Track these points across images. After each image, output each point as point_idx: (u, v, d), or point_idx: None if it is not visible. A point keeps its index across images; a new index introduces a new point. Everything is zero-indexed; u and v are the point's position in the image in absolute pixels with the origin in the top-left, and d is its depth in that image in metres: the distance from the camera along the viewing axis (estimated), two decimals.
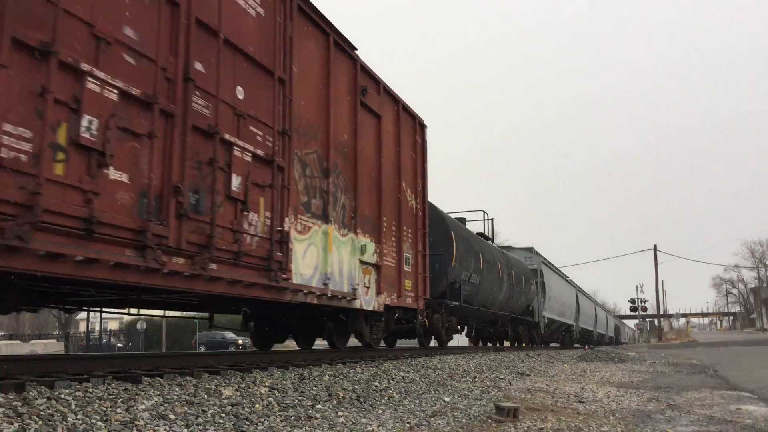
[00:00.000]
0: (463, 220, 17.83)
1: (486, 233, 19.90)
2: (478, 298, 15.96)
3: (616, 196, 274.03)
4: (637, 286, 69.84)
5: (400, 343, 15.43)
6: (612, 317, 68.03)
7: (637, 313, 65.25)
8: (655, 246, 56.06)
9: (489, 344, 23.70)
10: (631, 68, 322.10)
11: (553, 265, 31.11)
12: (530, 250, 26.95)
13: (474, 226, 19.92)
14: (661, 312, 65.50)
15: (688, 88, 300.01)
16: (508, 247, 26.43)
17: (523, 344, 23.47)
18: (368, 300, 9.10)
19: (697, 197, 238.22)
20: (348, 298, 8.38)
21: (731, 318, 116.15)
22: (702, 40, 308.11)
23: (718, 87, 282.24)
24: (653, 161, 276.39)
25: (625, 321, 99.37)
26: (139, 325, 40.07)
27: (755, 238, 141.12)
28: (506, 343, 23.15)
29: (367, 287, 9.10)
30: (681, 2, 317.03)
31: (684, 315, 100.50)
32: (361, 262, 8.89)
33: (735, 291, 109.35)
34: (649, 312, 68.60)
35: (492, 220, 20.61)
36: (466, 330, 20.94)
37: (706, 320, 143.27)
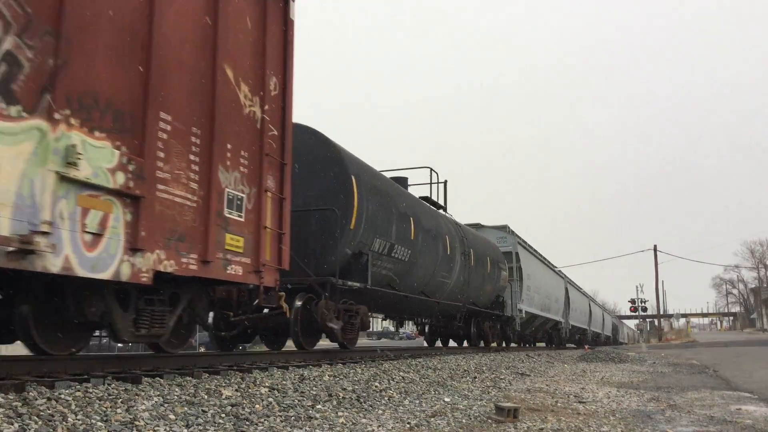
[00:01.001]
0: (403, 181, 13.15)
1: (436, 200, 14.99)
2: (409, 281, 11.40)
3: (616, 196, 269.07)
4: (637, 286, 69.00)
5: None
6: (609, 315, 64.14)
7: (637, 313, 63.34)
8: (655, 246, 55.04)
9: (454, 343, 18.97)
10: (631, 64, 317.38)
11: (534, 249, 25.95)
12: (503, 228, 21.74)
13: (419, 191, 15.30)
14: (662, 312, 64.77)
15: (689, 87, 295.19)
16: (477, 225, 20.84)
17: (492, 344, 18.67)
18: (96, 259, 4.59)
19: (697, 197, 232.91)
20: (8, 248, 3.95)
21: (731, 318, 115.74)
22: (703, 39, 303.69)
23: (718, 86, 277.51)
24: (654, 161, 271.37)
25: (626, 321, 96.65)
26: None
27: (755, 238, 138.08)
28: (471, 343, 18.24)
29: (98, 234, 4.63)
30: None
31: (684, 315, 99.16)
32: (68, 180, 4.41)
33: (735, 291, 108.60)
34: (649, 312, 66.91)
35: (445, 182, 15.30)
36: (412, 326, 16.59)
37: (706, 320, 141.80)
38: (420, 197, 13.83)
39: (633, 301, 61.28)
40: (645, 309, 62.09)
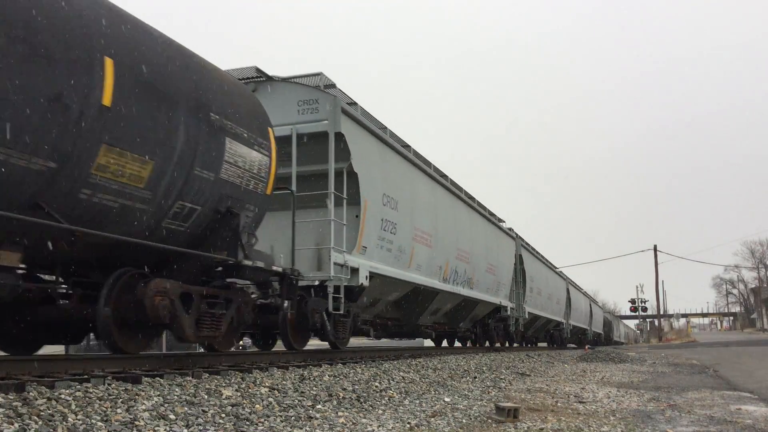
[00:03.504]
0: None
1: None
2: None
3: (616, 196, 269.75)
4: (637, 286, 68.74)
5: None
6: (599, 308, 55.12)
7: (637, 313, 63.75)
8: (655, 246, 54.33)
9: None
10: (631, 65, 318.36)
11: (415, 151, 12.65)
12: (317, 86, 9.78)
13: None
14: (662, 312, 64.96)
15: (689, 86, 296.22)
16: (258, 76, 9.48)
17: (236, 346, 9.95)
18: None
19: (697, 197, 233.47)
20: None
21: (731, 318, 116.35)
22: (702, 39, 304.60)
23: (719, 86, 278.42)
24: (653, 161, 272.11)
25: (626, 321, 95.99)
26: None
27: (755, 238, 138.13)
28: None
29: None
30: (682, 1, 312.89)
31: (684, 315, 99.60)
32: None
33: (735, 291, 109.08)
34: (649, 312, 67.52)
35: None
36: None
37: (706, 320, 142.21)
38: None
39: (633, 301, 61.46)
40: (645, 309, 62.30)
